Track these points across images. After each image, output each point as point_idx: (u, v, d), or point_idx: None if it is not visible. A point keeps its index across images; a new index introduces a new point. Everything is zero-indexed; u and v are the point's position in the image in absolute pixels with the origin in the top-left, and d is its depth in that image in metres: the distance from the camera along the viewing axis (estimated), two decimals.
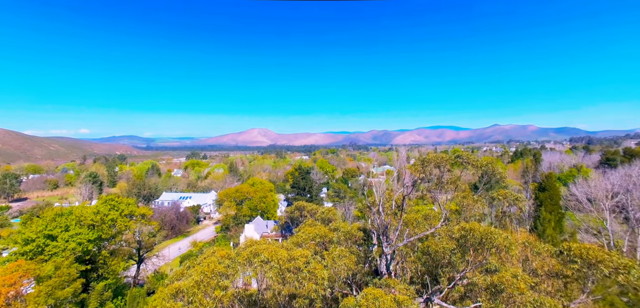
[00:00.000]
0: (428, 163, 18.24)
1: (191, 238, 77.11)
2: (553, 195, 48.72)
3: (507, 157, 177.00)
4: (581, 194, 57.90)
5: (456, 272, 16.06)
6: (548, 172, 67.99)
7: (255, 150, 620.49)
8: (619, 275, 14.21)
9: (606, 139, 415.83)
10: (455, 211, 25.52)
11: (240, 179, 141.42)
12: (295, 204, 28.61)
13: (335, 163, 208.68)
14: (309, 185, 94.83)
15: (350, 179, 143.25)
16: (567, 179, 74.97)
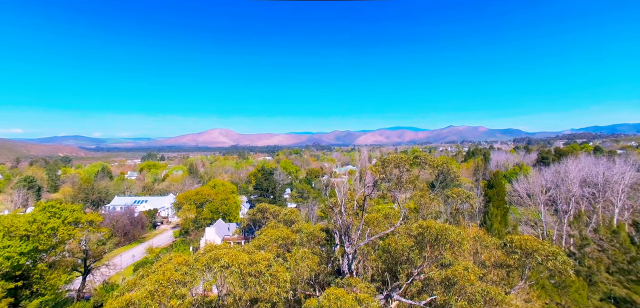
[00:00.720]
0: (388, 164, 18.92)
1: (147, 245, 72.45)
2: (500, 191, 52.93)
3: (461, 156, 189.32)
4: (522, 190, 63.73)
5: (414, 267, 16.84)
6: (495, 170, 73.83)
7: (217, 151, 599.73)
8: (549, 261, 15.87)
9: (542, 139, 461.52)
10: (414, 209, 26.75)
11: (200, 181, 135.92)
12: (257, 206, 28.13)
13: (298, 164, 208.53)
14: (272, 186, 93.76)
15: (313, 180, 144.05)
16: (511, 176, 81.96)
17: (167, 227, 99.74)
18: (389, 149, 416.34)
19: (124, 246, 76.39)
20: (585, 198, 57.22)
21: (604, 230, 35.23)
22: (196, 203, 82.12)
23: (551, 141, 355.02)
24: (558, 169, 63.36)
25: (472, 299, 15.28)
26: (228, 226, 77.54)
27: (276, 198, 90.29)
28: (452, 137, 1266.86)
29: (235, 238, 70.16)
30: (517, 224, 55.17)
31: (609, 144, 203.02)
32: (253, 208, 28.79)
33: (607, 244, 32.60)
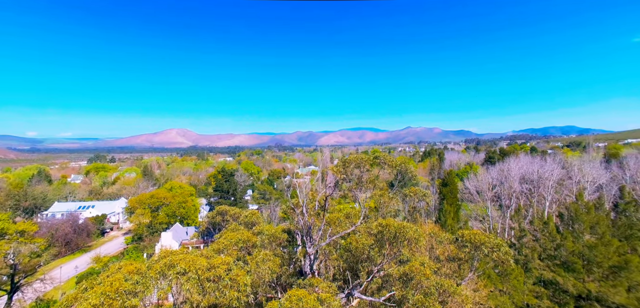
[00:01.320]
0: (349, 164, 19.31)
1: (93, 254, 66.36)
2: (453, 189, 56.51)
3: (418, 156, 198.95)
4: (472, 187, 68.60)
5: (374, 265, 17.37)
6: (449, 170, 78.73)
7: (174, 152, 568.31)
8: (494, 253, 17.28)
9: (489, 140, 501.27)
10: (374, 208, 27.60)
11: (156, 184, 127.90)
12: (217, 209, 27.14)
13: (260, 165, 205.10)
14: (233, 188, 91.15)
15: (275, 180, 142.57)
16: (463, 175, 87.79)
17: (117, 233, 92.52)
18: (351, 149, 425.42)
19: (66, 257, 69.45)
20: (523, 194, 63.12)
21: (537, 221, 39.21)
22: (151, 207, 77.19)
23: (497, 142, 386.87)
24: (502, 168, 69.23)
25: (427, 293, 16.10)
26: (186, 230, 73.98)
27: (237, 200, 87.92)
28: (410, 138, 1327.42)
29: (194, 242, 67.14)
30: (467, 220, 59.26)
31: (542, 145, 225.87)
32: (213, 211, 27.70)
33: (539, 234, 36.31)
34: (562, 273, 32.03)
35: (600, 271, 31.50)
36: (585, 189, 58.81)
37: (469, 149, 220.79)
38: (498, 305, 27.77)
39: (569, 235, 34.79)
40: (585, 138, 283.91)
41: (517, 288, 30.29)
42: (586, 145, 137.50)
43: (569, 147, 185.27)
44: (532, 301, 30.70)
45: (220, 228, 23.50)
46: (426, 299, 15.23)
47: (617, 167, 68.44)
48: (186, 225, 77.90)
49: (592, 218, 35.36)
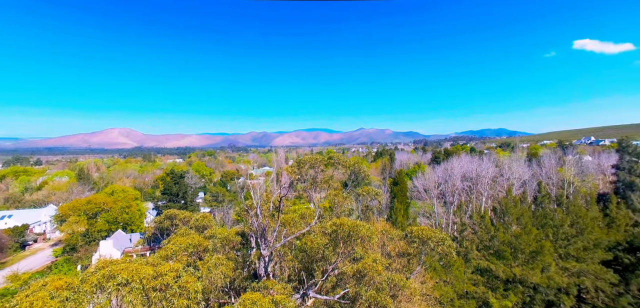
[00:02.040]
0: (304, 165, 19.40)
1: (8, 271, 57.39)
2: (403, 188, 59.63)
3: (371, 157, 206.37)
4: (420, 186, 73.08)
5: (329, 264, 17.65)
6: (399, 169, 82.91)
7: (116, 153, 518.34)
8: (439, 246, 18.64)
9: (435, 141, 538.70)
10: (329, 208, 28.07)
11: (94, 188, 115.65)
12: (165, 213, 25.42)
13: (213, 166, 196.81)
14: (184, 191, 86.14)
15: (229, 182, 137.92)
16: (412, 174, 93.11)
17: (44, 245, 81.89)
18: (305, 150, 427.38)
19: None
20: (464, 191, 68.90)
21: (475, 216, 43.16)
22: (88, 214, 69.63)
23: (441, 142, 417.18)
24: (446, 167, 74.82)
25: (379, 288, 16.78)
26: (130, 237, 68.10)
27: (188, 204, 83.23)
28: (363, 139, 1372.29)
29: (139, 250, 62.12)
30: (416, 216, 62.94)
31: (479, 145, 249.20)
32: (160, 215, 25.89)
33: (477, 227, 40.02)
34: (494, 261, 35.58)
35: (523, 256, 35.60)
36: (513, 185, 66.02)
37: (417, 150, 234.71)
38: (442, 294, 29.92)
39: (500, 227, 38.77)
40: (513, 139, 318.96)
41: (458, 278, 32.95)
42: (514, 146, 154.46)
43: (501, 147, 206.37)
44: (470, 288, 33.63)
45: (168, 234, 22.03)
46: (378, 294, 15.87)
47: (536, 165, 77.99)
48: (130, 232, 71.78)
49: (518, 210, 39.81)
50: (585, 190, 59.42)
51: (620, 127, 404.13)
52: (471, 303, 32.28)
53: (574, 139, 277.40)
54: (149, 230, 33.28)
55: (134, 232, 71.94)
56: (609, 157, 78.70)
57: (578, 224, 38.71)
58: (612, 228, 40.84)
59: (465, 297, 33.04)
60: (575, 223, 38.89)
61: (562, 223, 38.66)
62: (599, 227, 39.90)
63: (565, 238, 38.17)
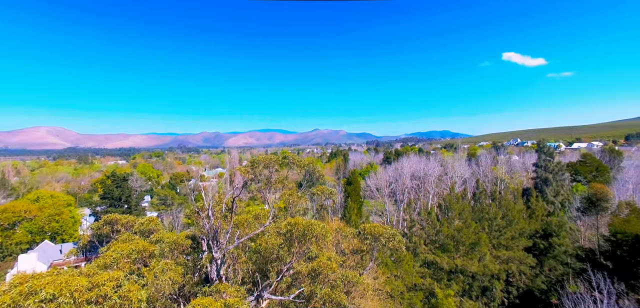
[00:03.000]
0: (258, 165, 19.08)
1: None
2: (356, 187, 61.49)
3: (325, 157, 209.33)
4: (373, 185, 75.98)
5: (284, 264, 17.57)
6: (353, 169, 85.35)
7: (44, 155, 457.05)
8: (390, 242, 19.59)
9: (386, 142, 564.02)
10: (283, 208, 27.93)
11: (12, 194, 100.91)
12: (104, 218, 23.18)
13: (161, 168, 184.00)
14: (127, 194, 79.26)
15: (178, 184, 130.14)
16: (365, 174, 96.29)
17: None
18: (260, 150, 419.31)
19: None
20: (413, 189, 73.17)
21: (423, 212, 46.17)
22: (2, 225, 60.58)
23: (392, 143, 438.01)
24: (397, 166, 78.77)
25: (334, 285, 17.11)
26: (60, 248, 60.63)
27: (132, 208, 76.75)
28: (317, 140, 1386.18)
29: (72, 261, 55.66)
30: (369, 215, 65.30)
31: (426, 146, 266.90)
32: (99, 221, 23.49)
33: (425, 223, 42.84)
34: (439, 254, 38.34)
35: (464, 248, 38.88)
36: (455, 183, 71.71)
37: (370, 150, 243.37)
38: (393, 288, 31.44)
39: (445, 222, 41.88)
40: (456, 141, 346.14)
41: (408, 272, 34.89)
42: (456, 147, 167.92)
43: (445, 148, 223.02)
44: (418, 281, 35.81)
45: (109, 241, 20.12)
46: (333, 292, 16.19)
47: (475, 164, 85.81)
48: (61, 243, 63.99)
49: (460, 206, 43.34)
50: (513, 186, 66.74)
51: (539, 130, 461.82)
52: (419, 295, 34.37)
53: (505, 140, 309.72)
54: (84, 238, 29.99)
55: (65, 242, 64.34)
56: (531, 157, 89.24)
57: (508, 216, 43.30)
58: (533, 218, 46.37)
59: (414, 289, 35.08)
60: (505, 216, 43.45)
61: (496, 216, 42.95)
62: (523, 218, 45.02)
63: (497, 229, 42.45)
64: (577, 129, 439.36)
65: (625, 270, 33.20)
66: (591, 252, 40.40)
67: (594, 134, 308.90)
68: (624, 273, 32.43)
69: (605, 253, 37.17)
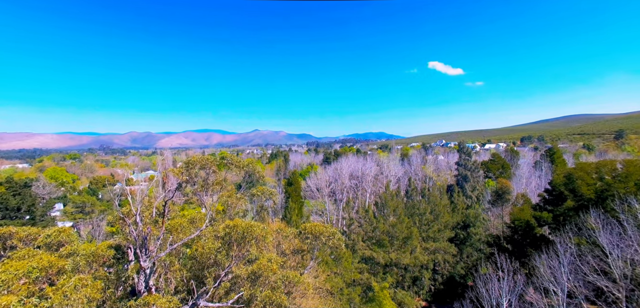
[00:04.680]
0: (193, 166, 17.98)
1: None
2: (297, 188, 61.82)
3: (265, 158, 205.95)
4: (313, 185, 77.18)
5: (222, 269, 16.83)
6: (294, 170, 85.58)
7: None
8: (330, 240, 20.17)
9: (326, 142, 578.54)
10: (222, 211, 26.77)
11: None
12: None
13: (78, 172, 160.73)
14: (29, 203, 67.34)
15: (100, 190, 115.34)
16: (305, 174, 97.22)
17: None
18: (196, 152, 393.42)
19: None
20: (352, 188, 76.31)
21: (361, 210, 48.53)
22: None
23: (332, 144, 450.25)
24: (336, 167, 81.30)
25: (274, 287, 16.95)
26: None
27: (36, 219, 65.53)
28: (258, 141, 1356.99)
29: None
30: (310, 214, 66.09)
31: (364, 147, 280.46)
32: None
33: (362, 220, 45.07)
34: (376, 250, 40.66)
35: (397, 242, 41.88)
36: (390, 181, 76.78)
37: (310, 151, 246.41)
38: (333, 285, 32.36)
39: (381, 219, 44.55)
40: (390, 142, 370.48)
41: (347, 268, 36.25)
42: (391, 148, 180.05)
43: (381, 149, 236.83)
44: (356, 276, 37.46)
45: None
46: (273, 293, 16.04)
47: (407, 164, 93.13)
48: None
49: (394, 203, 46.56)
50: (440, 183, 74.13)
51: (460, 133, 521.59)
52: (357, 290, 35.96)
53: (433, 141, 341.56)
54: None
55: None
56: (454, 156, 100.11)
57: (435, 211, 47.89)
58: (455, 212, 52.08)
59: (352, 284, 36.57)
60: (433, 211, 47.97)
61: (425, 211, 47.14)
62: (447, 212, 50.23)
63: (426, 223, 46.65)
64: (488, 132, 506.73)
65: (519, 250, 39.39)
66: (497, 238, 46.89)
67: (500, 137, 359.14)
68: (519, 253, 38.46)
69: (506, 238, 43.55)
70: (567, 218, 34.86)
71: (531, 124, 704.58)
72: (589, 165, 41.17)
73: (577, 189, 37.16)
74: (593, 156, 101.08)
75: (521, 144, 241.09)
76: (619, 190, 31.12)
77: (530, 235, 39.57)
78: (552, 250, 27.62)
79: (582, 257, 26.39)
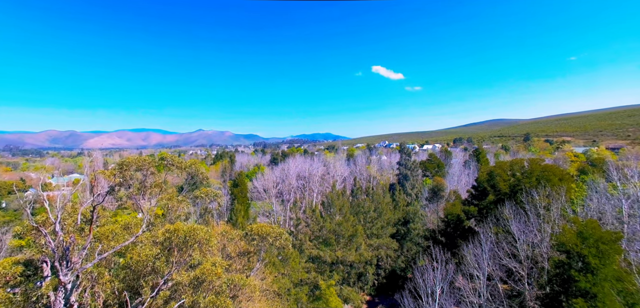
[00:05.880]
0: (128, 167, 16.44)
1: None
2: (243, 189, 60.09)
3: (210, 159, 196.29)
4: (260, 186, 75.82)
5: (160, 277, 15.68)
6: (240, 171, 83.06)
7: None
8: (277, 241, 20.08)
9: (274, 143, 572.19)
10: (162, 215, 24.89)
11: None
12: None
13: None
14: None
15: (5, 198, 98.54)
16: (252, 175, 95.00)
17: None
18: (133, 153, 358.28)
19: None
20: (299, 189, 76.66)
21: (308, 210, 49.02)
22: None
23: (279, 145, 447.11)
24: (283, 167, 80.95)
25: (219, 291, 16.34)
26: None
27: None
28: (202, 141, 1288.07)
29: None
30: (256, 216, 64.75)
31: (311, 148, 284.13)
32: None
33: (310, 220, 45.58)
34: (323, 248, 41.42)
35: (343, 240, 43.21)
36: (337, 181, 78.89)
37: (257, 152, 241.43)
38: (280, 286, 32.15)
39: (327, 218, 45.49)
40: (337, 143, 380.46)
41: (294, 269, 36.30)
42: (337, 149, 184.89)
43: (328, 149, 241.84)
44: (304, 276, 37.75)
45: None
46: (218, 298, 15.45)
47: (353, 164, 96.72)
48: None
49: (340, 202, 47.94)
50: (383, 182, 78.33)
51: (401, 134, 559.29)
52: (304, 289, 36.24)
53: (377, 142, 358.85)
54: None
55: None
56: (396, 156, 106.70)
57: (378, 209, 50.42)
58: (397, 209, 55.51)
59: (300, 284, 36.75)
60: (376, 209, 50.45)
61: (369, 209, 49.35)
62: (390, 209, 53.28)
63: (370, 221, 48.87)
64: (427, 133, 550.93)
65: (451, 242, 43.57)
66: (433, 232, 51.17)
67: (436, 138, 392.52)
68: (451, 245, 42.53)
69: (441, 232, 47.78)
70: (489, 210, 39.48)
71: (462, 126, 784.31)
72: (505, 164, 47.17)
73: (496, 185, 42.29)
74: (508, 156, 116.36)
75: (454, 145, 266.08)
76: (525, 184, 36.24)
77: (460, 228, 43.94)
78: (477, 240, 31.08)
79: (499, 244, 30.20)
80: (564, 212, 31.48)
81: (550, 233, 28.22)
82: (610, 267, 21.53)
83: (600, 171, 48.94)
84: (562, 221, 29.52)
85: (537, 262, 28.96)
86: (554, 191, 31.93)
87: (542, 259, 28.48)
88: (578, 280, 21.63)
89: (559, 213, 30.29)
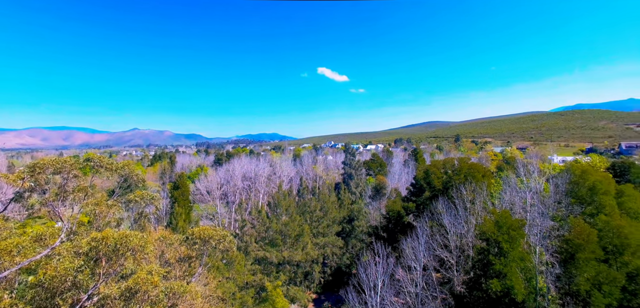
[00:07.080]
0: (42, 170, 14.39)
1: None
2: (184, 191, 56.47)
3: (147, 160, 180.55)
4: (203, 188, 72.16)
5: (84, 291, 14.05)
6: (181, 172, 77.85)
7: None
8: (221, 243, 19.41)
9: (218, 143, 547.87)
10: (88, 223, 22.31)
11: None
12: None
13: None
14: None
15: None
16: (194, 177, 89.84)
17: None
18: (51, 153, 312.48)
19: None
20: (245, 190, 74.70)
21: (254, 211, 48.14)
22: None
23: (224, 145, 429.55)
24: (228, 168, 78.10)
25: (155, 301, 15.24)
26: None
27: None
28: (137, 141, 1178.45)
29: None
30: (199, 219, 61.38)
31: (257, 148, 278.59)
32: None
33: (256, 221, 44.79)
34: (269, 249, 40.99)
35: (290, 240, 43.30)
36: (283, 181, 78.56)
37: (200, 152, 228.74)
38: (225, 291, 31.02)
39: (274, 218, 45.10)
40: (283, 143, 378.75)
41: (239, 272, 35.32)
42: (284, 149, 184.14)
43: (274, 149, 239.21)
44: (250, 278, 36.94)
45: None
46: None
47: (299, 164, 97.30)
48: None
49: (287, 202, 47.90)
50: (329, 181, 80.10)
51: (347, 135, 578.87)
52: (250, 292, 35.49)
53: (323, 142, 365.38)
54: None
55: None
56: (341, 156, 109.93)
57: (324, 208, 51.50)
58: (342, 207, 57.33)
59: (245, 287, 35.88)
60: (322, 208, 51.47)
61: (315, 209, 50.12)
62: (335, 208, 54.80)
63: (316, 220, 49.69)
64: (370, 134, 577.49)
65: (392, 237, 46.48)
66: (376, 228, 53.95)
67: (379, 139, 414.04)
68: (391, 239, 45.36)
69: (383, 228, 50.63)
70: (425, 206, 42.98)
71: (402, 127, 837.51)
72: (439, 163, 51.81)
73: (431, 182, 46.21)
74: (442, 155, 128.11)
75: (395, 145, 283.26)
76: (455, 181, 40.27)
77: (400, 223, 47.04)
78: (414, 234, 33.62)
79: (433, 237, 33.11)
80: (485, 205, 35.73)
81: (475, 224, 31.79)
82: (517, 249, 25.16)
83: (512, 168, 56.46)
84: (484, 212, 33.47)
85: (464, 251, 32.41)
86: (478, 186, 36.04)
87: (468, 248, 31.96)
88: (494, 263, 24.80)
89: (482, 206, 34.31)
